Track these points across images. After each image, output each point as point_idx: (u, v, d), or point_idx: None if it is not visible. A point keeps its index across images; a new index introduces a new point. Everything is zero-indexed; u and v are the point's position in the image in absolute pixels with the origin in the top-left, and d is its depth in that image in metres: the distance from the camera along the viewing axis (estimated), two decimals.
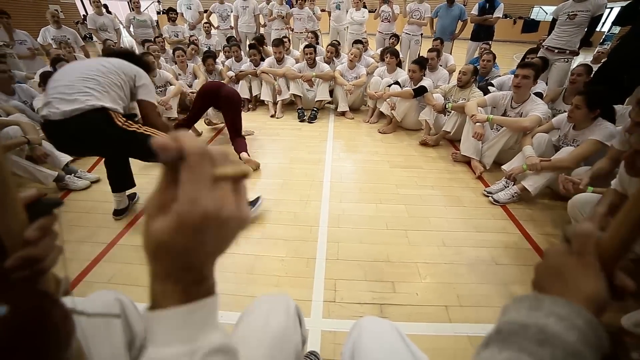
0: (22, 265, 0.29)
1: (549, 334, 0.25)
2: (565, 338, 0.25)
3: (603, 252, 0.30)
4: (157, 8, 12.70)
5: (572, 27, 2.98)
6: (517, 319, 0.28)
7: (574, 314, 0.26)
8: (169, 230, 0.23)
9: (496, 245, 1.72)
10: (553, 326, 0.26)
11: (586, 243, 0.30)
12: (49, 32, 4.06)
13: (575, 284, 0.29)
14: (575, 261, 0.30)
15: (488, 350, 0.28)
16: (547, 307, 0.27)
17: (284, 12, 5.03)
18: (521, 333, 0.26)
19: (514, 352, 0.26)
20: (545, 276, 0.32)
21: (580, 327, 0.25)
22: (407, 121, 3.25)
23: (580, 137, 1.97)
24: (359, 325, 0.65)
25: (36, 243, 0.31)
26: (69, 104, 1.41)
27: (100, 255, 1.60)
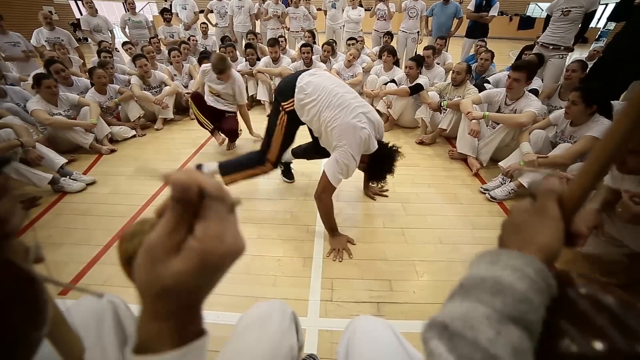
0: None
1: (502, 285, 0.27)
2: (517, 287, 0.27)
3: (565, 203, 0.32)
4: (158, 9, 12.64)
5: (567, 24, 2.99)
6: (478, 273, 0.30)
7: (526, 264, 0.28)
8: (188, 272, 0.22)
9: (493, 242, 1.67)
10: (506, 277, 0.28)
11: (549, 196, 0.32)
12: (42, 33, 4.02)
13: (531, 236, 0.31)
14: (535, 215, 0.32)
15: (451, 302, 0.30)
16: (503, 261, 0.29)
17: (279, 12, 5.02)
18: (479, 285, 0.29)
19: (472, 302, 0.28)
20: (508, 231, 0.34)
21: (530, 276, 0.27)
22: (404, 119, 3.25)
23: (578, 133, 1.98)
24: (353, 324, 0.65)
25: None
26: None
27: (96, 258, 1.59)
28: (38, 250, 0.34)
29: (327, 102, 1.48)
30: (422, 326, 0.30)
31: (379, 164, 1.59)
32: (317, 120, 1.53)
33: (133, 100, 3.16)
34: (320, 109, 1.49)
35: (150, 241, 0.24)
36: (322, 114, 1.49)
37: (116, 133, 2.94)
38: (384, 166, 1.60)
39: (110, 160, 2.68)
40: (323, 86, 1.51)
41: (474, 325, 0.26)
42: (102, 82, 2.93)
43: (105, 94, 3.01)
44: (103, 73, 2.93)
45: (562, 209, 0.32)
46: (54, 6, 10.98)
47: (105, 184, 2.27)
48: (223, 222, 0.24)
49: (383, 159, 1.58)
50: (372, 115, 1.52)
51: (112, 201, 2.06)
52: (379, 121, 1.57)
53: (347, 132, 1.43)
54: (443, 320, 0.28)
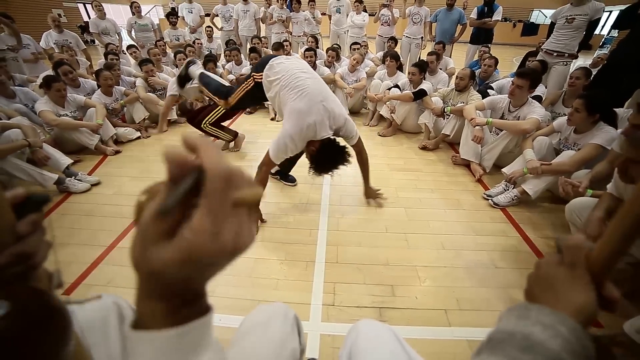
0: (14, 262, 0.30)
1: (533, 342, 0.26)
2: (549, 345, 0.25)
3: (593, 264, 0.30)
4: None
5: (571, 31, 2.99)
6: (506, 327, 0.29)
7: (558, 322, 0.27)
8: (174, 262, 0.20)
9: (496, 248, 1.72)
10: (538, 334, 0.26)
11: (576, 254, 0.31)
12: (50, 36, 4.09)
13: (564, 294, 0.30)
14: (565, 272, 0.31)
15: (479, 358, 0.28)
16: (534, 316, 0.28)
17: (284, 16, 5.07)
18: (508, 341, 0.27)
19: (499, 357, 0.26)
20: (537, 286, 0.33)
21: (564, 335, 0.26)
22: (407, 124, 3.26)
23: (581, 140, 1.97)
24: (356, 328, 0.65)
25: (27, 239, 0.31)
26: None
27: (100, 258, 1.60)
28: (60, 276, 0.36)
29: (287, 83, 1.59)
30: None
31: (325, 155, 1.63)
32: (277, 98, 1.66)
33: (138, 102, 3.20)
34: (281, 88, 1.61)
35: (144, 220, 0.21)
36: (281, 92, 1.62)
37: (121, 134, 2.97)
38: (328, 159, 1.64)
39: (115, 161, 2.70)
40: (289, 69, 1.63)
41: None
42: (108, 84, 2.97)
43: (111, 95, 3.04)
44: (109, 75, 2.97)
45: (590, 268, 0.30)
46: (63, 9, 11.17)
47: (109, 185, 2.29)
48: (221, 216, 0.20)
49: (330, 151, 1.62)
50: (330, 105, 1.59)
51: (116, 202, 2.08)
52: (339, 114, 1.63)
53: (293, 115, 1.54)
54: None
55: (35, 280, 0.33)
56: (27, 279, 0.32)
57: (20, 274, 0.31)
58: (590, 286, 0.30)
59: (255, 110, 3.96)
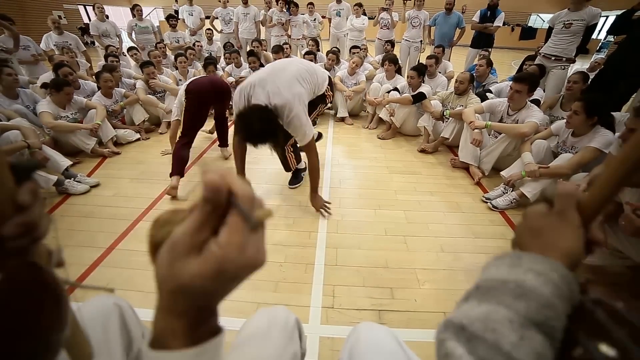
0: (20, 233, 0.28)
1: (525, 289, 0.26)
2: (540, 291, 0.26)
3: (583, 207, 0.31)
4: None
5: (568, 36, 3.02)
6: (497, 275, 0.29)
7: (550, 269, 0.27)
8: (204, 276, 0.22)
9: (495, 251, 1.72)
10: (530, 281, 0.27)
11: (568, 200, 0.32)
12: (51, 38, 4.10)
13: (553, 240, 0.31)
14: (554, 219, 0.32)
15: (467, 304, 0.29)
16: (525, 264, 0.28)
17: (283, 19, 5.10)
18: (500, 288, 0.28)
19: (492, 305, 0.27)
20: (525, 235, 0.34)
21: (555, 281, 0.27)
22: (406, 127, 3.27)
23: (579, 144, 1.99)
24: (357, 331, 0.65)
25: (29, 208, 0.29)
26: None
27: (99, 260, 1.60)
28: (60, 254, 0.35)
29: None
30: (437, 327, 0.29)
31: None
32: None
33: (138, 104, 3.20)
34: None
35: (174, 236, 0.23)
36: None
37: (121, 136, 2.97)
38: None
39: (115, 163, 2.70)
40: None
41: (495, 328, 0.25)
42: (108, 86, 2.97)
43: (111, 97, 3.04)
44: (110, 77, 2.97)
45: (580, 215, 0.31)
46: (63, 11, 11.19)
47: (109, 187, 2.28)
48: (247, 233, 0.23)
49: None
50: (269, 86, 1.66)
51: (115, 204, 2.08)
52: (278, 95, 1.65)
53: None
54: (460, 321, 0.27)
55: (34, 256, 0.31)
56: (27, 254, 0.30)
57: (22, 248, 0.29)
58: (579, 230, 0.30)
59: None
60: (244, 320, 0.70)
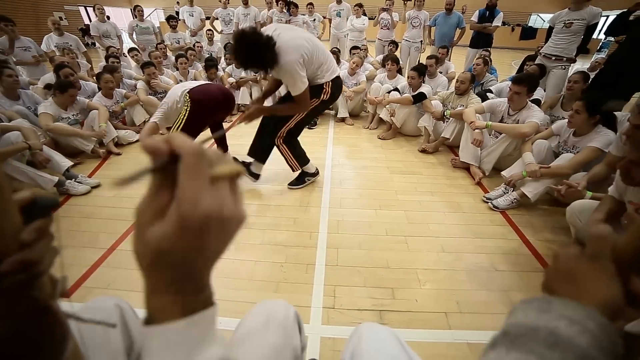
0: (18, 270, 0.28)
1: (559, 337, 0.24)
2: (577, 342, 0.24)
3: (618, 257, 0.29)
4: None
5: (569, 35, 3.02)
6: (526, 321, 0.27)
7: (586, 317, 0.25)
8: (169, 236, 0.22)
9: (495, 251, 1.72)
10: (564, 329, 0.25)
11: (602, 246, 0.29)
12: (51, 39, 4.10)
13: (587, 287, 0.28)
14: (588, 264, 0.29)
15: (495, 352, 0.27)
16: (556, 310, 0.26)
17: (283, 20, 5.11)
18: (530, 335, 0.26)
19: (522, 354, 0.25)
20: (556, 279, 0.31)
21: (592, 331, 0.24)
22: (407, 127, 3.27)
23: (580, 143, 1.99)
24: (358, 331, 0.65)
25: (32, 246, 0.29)
26: None
27: (100, 261, 1.60)
28: (64, 283, 0.35)
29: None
30: None
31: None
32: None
33: (139, 105, 3.21)
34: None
35: (137, 208, 0.24)
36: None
37: (122, 137, 2.98)
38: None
39: (115, 163, 2.70)
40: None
41: None
42: (109, 87, 2.98)
43: (112, 98, 3.05)
44: (110, 78, 2.98)
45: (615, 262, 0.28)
46: (64, 12, 11.22)
47: (109, 188, 2.29)
48: (197, 186, 0.22)
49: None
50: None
51: (116, 204, 2.08)
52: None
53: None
54: None
55: (38, 288, 0.31)
56: (30, 287, 0.30)
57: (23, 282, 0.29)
58: (616, 279, 0.28)
59: None
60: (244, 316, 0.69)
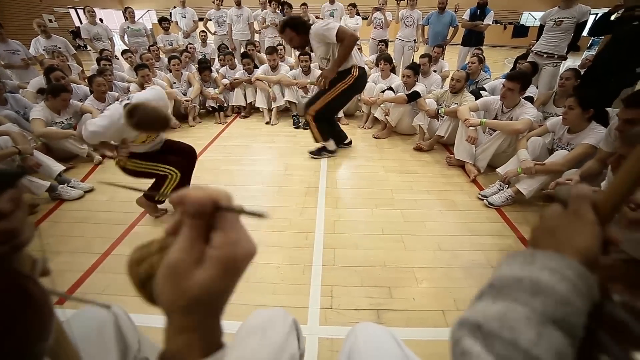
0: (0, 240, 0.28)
1: (541, 286, 0.26)
2: (557, 288, 0.26)
3: (599, 207, 0.31)
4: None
5: (559, 33, 3.06)
6: (510, 273, 0.29)
7: (566, 266, 0.27)
8: (213, 280, 0.24)
9: (491, 248, 1.73)
10: (546, 278, 0.26)
11: (583, 201, 0.31)
12: (39, 42, 4.03)
13: (568, 239, 0.30)
14: (570, 218, 0.31)
15: (482, 302, 0.28)
16: (540, 262, 0.28)
17: (277, 20, 5.09)
18: (514, 286, 0.27)
19: (507, 302, 0.26)
20: (540, 235, 0.33)
21: (571, 278, 0.26)
22: (401, 126, 3.28)
23: (575, 140, 2.00)
24: (355, 331, 0.65)
25: (9, 216, 0.29)
26: None
27: (94, 266, 1.58)
28: (45, 263, 0.34)
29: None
30: (452, 326, 0.28)
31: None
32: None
33: None
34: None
35: (172, 260, 0.24)
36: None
37: None
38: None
39: (109, 167, 2.67)
40: None
41: (513, 326, 0.25)
42: (101, 90, 2.94)
43: (105, 101, 3.01)
44: (103, 81, 2.95)
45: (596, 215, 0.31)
46: (54, 14, 11.08)
47: (103, 192, 2.26)
48: (236, 229, 0.25)
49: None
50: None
51: (110, 209, 2.05)
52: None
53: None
54: (476, 319, 0.27)
55: (18, 264, 0.31)
56: (9, 262, 0.30)
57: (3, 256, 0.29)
58: (595, 228, 0.30)
59: (249, 114, 3.96)
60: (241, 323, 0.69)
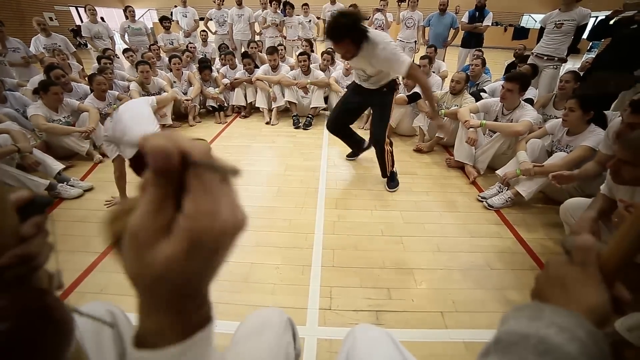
0: (16, 263, 0.30)
1: (549, 345, 0.25)
2: (566, 349, 0.24)
3: (604, 264, 0.30)
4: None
5: (560, 36, 3.07)
6: (517, 328, 0.27)
7: (576, 324, 0.26)
8: (179, 256, 0.18)
9: (490, 250, 1.73)
10: (554, 337, 0.25)
11: (587, 254, 0.30)
12: (39, 41, 4.02)
13: (576, 294, 0.29)
14: (577, 272, 0.30)
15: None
16: (547, 317, 0.27)
17: (277, 20, 5.10)
18: (521, 343, 0.26)
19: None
20: (546, 286, 0.32)
21: (581, 339, 0.25)
22: (402, 127, 3.28)
23: (574, 142, 2.01)
24: (353, 333, 0.65)
25: (30, 240, 0.31)
26: None
27: (93, 265, 1.57)
28: (60, 277, 0.36)
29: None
30: None
31: None
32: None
33: None
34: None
35: (133, 225, 0.19)
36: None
37: None
38: None
39: (108, 166, 2.65)
40: None
41: None
42: (101, 89, 2.94)
43: (105, 100, 3.01)
44: (103, 80, 2.94)
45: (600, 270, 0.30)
46: (54, 12, 11.07)
47: (103, 190, 2.26)
48: (215, 195, 0.19)
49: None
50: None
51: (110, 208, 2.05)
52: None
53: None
54: None
55: (36, 282, 0.33)
56: (28, 280, 0.32)
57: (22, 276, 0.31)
58: (603, 286, 0.29)
59: (249, 114, 3.96)
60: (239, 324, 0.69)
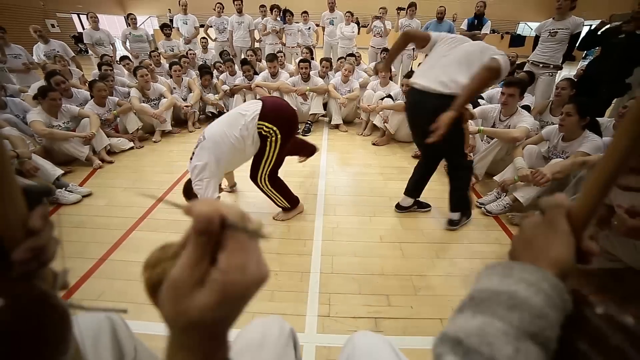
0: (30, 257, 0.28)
1: (518, 299, 0.27)
2: (533, 302, 0.26)
3: (573, 219, 0.32)
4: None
5: (554, 44, 3.12)
6: (490, 286, 0.29)
7: (541, 278, 0.28)
8: (213, 307, 0.22)
9: (489, 256, 1.74)
10: (522, 292, 0.27)
11: (557, 211, 0.32)
12: (39, 48, 4.05)
13: (543, 250, 0.31)
14: (545, 229, 0.32)
15: (462, 316, 0.29)
16: (516, 274, 0.29)
17: (277, 28, 5.16)
18: (493, 299, 0.28)
19: (486, 317, 0.27)
20: (519, 246, 0.34)
21: (545, 291, 0.27)
22: (400, 133, 3.30)
23: (569, 148, 2.02)
24: (352, 340, 0.64)
25: (40, 233, 0.29)
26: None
27: (91, 271, 1.57)
28: (65, 276, 0.35)
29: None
30: (433, 340, 0.29)
31: None
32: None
33: (132, 113, 3.19)
34: None
35: (173, 276, 0.23)
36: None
37: (114, 144, 2.95)
38: None
39: (107, 172, 2.67)
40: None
41: (491, 342, 0.25)
42: (102, 95, 2.96)
43: (105, 106, 3.03)
44: (104, 86, 2.96)
45: (571, 224, 0.31)
46: (56, 19, 11.17)
47: (101, 196, 2.26)
48: (245, 252, 0.23)
49: None
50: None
51: (108, 213, 2.05)
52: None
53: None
54: (456, 334, 0.27)
55: (41, 279, 0.31)
56: (34, 277, 0.30)
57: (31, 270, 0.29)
58: (570, 240, 0.31)
59: None
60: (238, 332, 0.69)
